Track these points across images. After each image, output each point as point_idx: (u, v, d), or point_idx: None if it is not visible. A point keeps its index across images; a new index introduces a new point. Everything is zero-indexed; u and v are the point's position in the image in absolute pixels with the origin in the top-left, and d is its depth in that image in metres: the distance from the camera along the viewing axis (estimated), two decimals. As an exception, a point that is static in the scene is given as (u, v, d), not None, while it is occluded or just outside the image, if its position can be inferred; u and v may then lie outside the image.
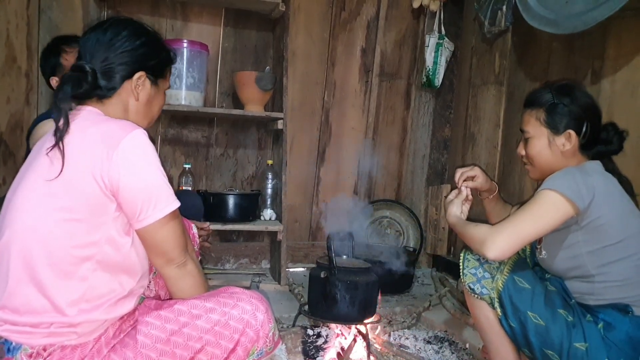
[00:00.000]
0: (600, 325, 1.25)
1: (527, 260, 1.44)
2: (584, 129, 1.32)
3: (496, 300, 1.33)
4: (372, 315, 1.78)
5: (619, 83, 1.88)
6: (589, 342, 1.23)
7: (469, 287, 1.37)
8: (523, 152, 1.43)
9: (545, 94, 1.37)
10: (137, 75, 1.09)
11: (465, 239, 1.36)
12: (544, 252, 1.38)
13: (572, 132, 1.32)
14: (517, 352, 1.40)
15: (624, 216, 1.27)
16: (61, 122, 0.96)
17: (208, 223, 1.57)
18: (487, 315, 1.37)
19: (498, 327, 1.36)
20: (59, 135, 0.96)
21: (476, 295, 1.36)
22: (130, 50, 1.07)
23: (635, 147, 1.81)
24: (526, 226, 1.24)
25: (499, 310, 1.33)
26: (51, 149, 0.97)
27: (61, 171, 0.94)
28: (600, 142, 1.36)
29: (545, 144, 1.35)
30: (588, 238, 1.26)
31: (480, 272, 1.35)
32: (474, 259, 1.38)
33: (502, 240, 1.23)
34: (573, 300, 1.34)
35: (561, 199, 1.22)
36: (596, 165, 1.33)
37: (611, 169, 1.35)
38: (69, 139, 0.98)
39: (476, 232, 1.31)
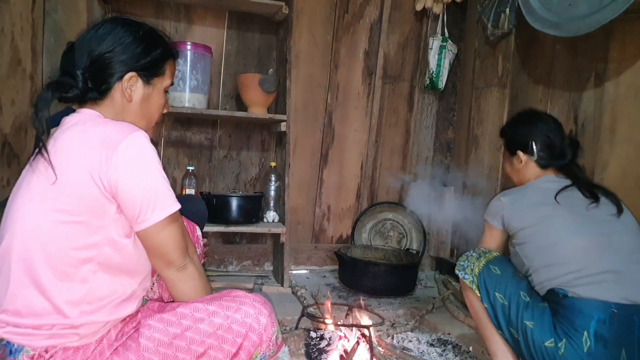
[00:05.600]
0: (551, 311, 1.38)
1: (505, 258, 1.59)
2: (529, 149, 1.60)
3: (475, 283, 1.52)
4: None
5: (622, 86, 1.87)
6: (535, 322, 1.36)
7: (456, 272, 1.59)
8: None
9: (504, 126, 1.75)
10: (127, 76, 1.06)
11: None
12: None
13: (520, 152, 1.62)
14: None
15: (536, 217, 1.49)
16: (41, 131, 0.95)
17: (205, 240, 1.56)
18: (476, 302, 1.53)
19: (484, 308, 1.51)
20: (40, 144, 0.95)
21: (464, 280, 1.56)
22: (119, 51, 1.05)
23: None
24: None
25: (477, 291, 1.51)
26: (34, 158, 0.97)
27: (55, 177, 0.94)
28: (554, 157, 1.59)
29: (508, 164, 1.71)
30: (517, 241, 1.53)
31: (465, 263, 1.59)
32: (464, 254, 1.62)
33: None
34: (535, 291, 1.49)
35: (488, 224, 1.62)
36: (538, 181, 1.58)
37: (572, 175, 1.55)
38: (68, 141, 0.98)
39: None
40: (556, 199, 1.47)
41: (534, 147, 1.59)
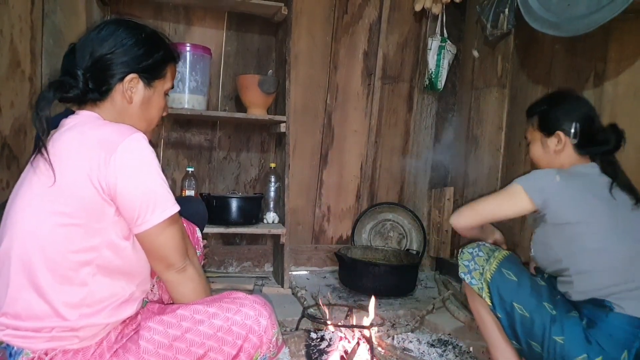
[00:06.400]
0: (584, 321, 1.29)
1: (515, 257, 1.50)
2: (572, 130, 1.43)
3: (485, 290, 1.39)
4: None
5: (621, 85, 1.87)
6: (565, 336, 1.27)
7: (461, 276, 1.44)
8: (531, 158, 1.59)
9: (538, 103, 1.56)
10: (128, 77, 1.06)
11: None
12: (532, 249, 1.46)
13: (560, 132, 1.45)
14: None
15: (586, 210, 1.34)
16: (42, 130, 0.95)
17: (205, 241, 1.56)
18: (483, 306, 1.42)
19: (493, 317, 1.41)
20: (40, 143, 0.95)
21: (471, 286, 1.43)
22: (121, 53, 1.05)
23: (639, 150, 1.80)
24: (487, 206, 1.46)
25: (487, 299, 1.39)
26: (34, 158, 0.97)
27: (54, 179, 0.93)
28: (596, 143, 1.44)
29: (540, 146, 1.51)
30: (555, 230, 1.37)
31: (472, 265, 1.43)
32: (468, 252, 1.46)
33: (464, 211, 1.48)
34: (559, 297, 1.39)
35: (520, 191, 1.38)
36: (582, 168, 1.43)
37: (611, 167, 1.42)
38: (67, 144, 0.97)
39: None
40: (611, 194, 1.34)
41: (577, 127, 1.42)
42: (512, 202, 1.40)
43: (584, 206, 1.34)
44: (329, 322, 1.81)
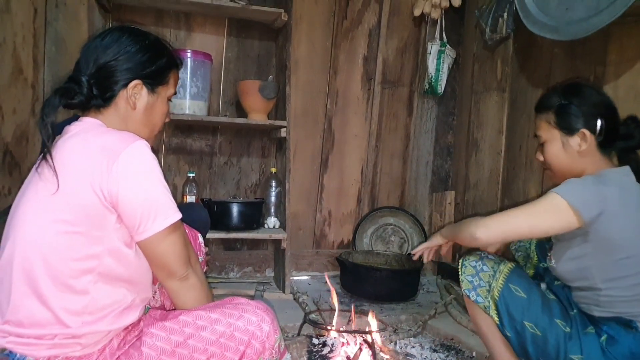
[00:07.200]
0: (604, 337, 1.23)
1: (523, 269, 1.41)
2: (598, 126, 1.26)
3: (492, 308, 1.31)
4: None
5: (621, 88, 1.88)
6: (585, 355, 1.20)
7: (466, 293, 1.36)
8: (541, 158, 1.39)
9: (552, 96, 1.34)
10: (132, 84, 1.07)
11: (461, 233, 1.33)
12: (553, 261, 1.36)
13: (586, 130, 1.27)
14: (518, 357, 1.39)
15: (636, 230, 1.21)
16: (47, 136, 0.95)
17: (207, 248, 1.56)
18: (486, 321, 1.36)
19: (497, 332, 1.35)
20: (45, 149, 0.95)
21: (477, 304, 1.37)
22: (125, 59, 1.06)
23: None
24: (520, 220, 1.23)
25: (495, 317, 1.32)
26: (39, 164, 0.97)
27: (58, 185, 0.94)
28: (619, 138, 1.30)
29: (560, 147, 1.31)
30: (596, 251, 1.22)
31: (476, 280, 1.34)
32: (471, 266, 1.38)
33: (494, 223, 1.25)
34: (574, 311, 1.32)
35: (565, 206, 1.17)
36: (618, 175, 1.26)
37: (634, 166, 1.29)
38: (70, 151, 0.98)
39: (471, 220, 1.31)
40: None
41: (603, 123, 1.25)
42: (554, 217, 1.19)
43: (634, 227, 1.19)
44: (330, 328, 1.81)
